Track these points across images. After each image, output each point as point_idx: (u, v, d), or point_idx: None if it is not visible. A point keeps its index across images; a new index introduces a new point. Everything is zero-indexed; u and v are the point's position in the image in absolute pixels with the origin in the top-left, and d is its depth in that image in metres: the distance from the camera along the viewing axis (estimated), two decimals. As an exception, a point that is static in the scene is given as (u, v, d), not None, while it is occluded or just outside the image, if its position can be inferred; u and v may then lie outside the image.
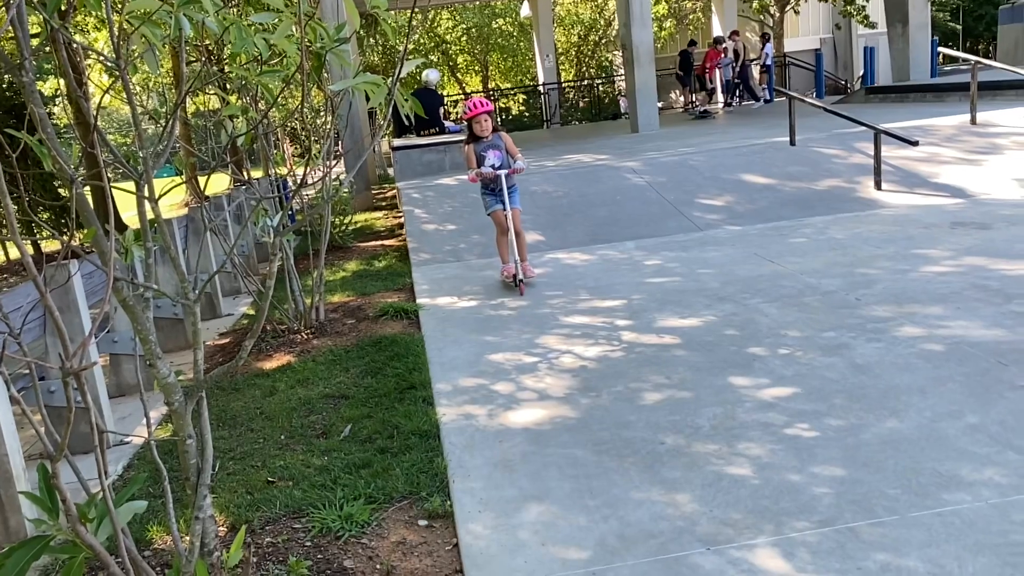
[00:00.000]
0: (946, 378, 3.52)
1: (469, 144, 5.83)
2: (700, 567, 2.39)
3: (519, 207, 5.87)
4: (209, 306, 6.52)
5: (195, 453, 2.34)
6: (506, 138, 5.83)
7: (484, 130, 5.72)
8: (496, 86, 29.08)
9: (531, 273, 5.89)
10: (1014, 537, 2.38)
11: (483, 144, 5.75)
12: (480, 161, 5.74)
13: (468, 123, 5.81)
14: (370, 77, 2.41)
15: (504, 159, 5.76)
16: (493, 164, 5.70)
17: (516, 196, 5.85)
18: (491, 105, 5.80)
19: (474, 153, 5.78)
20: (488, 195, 5.92)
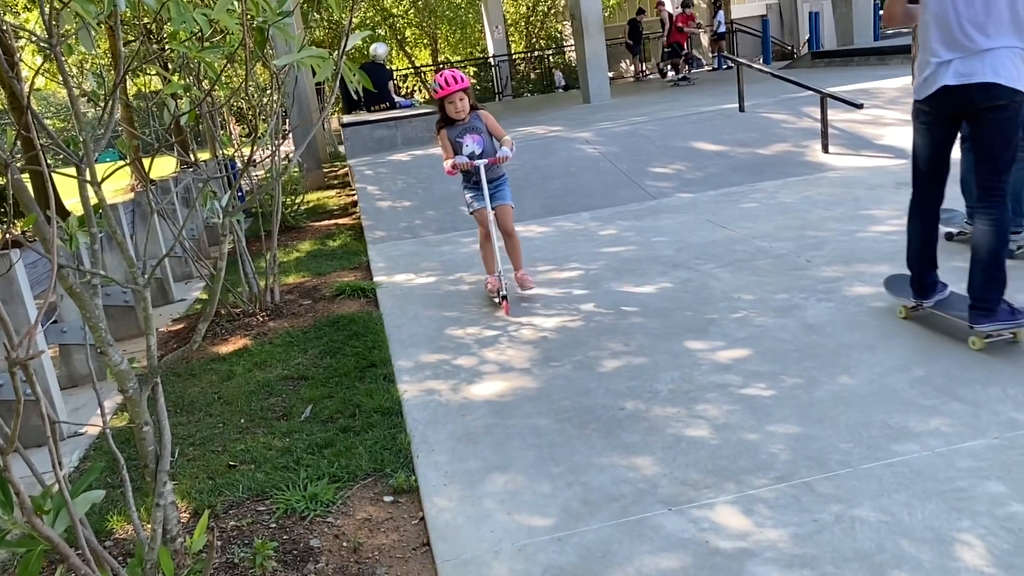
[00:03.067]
0: (893, 334, 3.63)
1: (442, 129, 4.79)
2: (662, 527, 2.44)
3: (510, 202, 4.80)
4: (161, 292, 6.39)
5: (152, 440, 2.31)
6: (487, 118, 4.77)
7: (460, 111, 4.66)
8: (446, 59, 28.76)
9: (529, 285, 4.80)
10: (959, 483, 2.48)
11: (459, 128, 4.72)
12: (457, 148, 4.72)
13: (440, 103, 4.72)
14: (315, 51, 2.36)
15: (486, 144, 4.73)
16: (472, 152, 4.69)
17: (505, 189, 4.81)
18: (467, 80, 4.66)
19: (448, 140, 4.75)
20: (469, 189, 4.83)
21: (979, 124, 3.34)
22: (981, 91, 3.23)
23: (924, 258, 3.72)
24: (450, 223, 7.05)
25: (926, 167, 3.62)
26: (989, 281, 3.39)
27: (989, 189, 3.38)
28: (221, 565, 2.53)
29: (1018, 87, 3.20)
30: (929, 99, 3.42)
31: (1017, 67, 3.21)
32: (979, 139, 3.38)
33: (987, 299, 3.39)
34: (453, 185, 7.80)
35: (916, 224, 3.74)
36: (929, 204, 3.69)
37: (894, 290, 3.99)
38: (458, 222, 7.05)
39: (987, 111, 3.27)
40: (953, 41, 3.28)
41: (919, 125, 3.58)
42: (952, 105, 3.36)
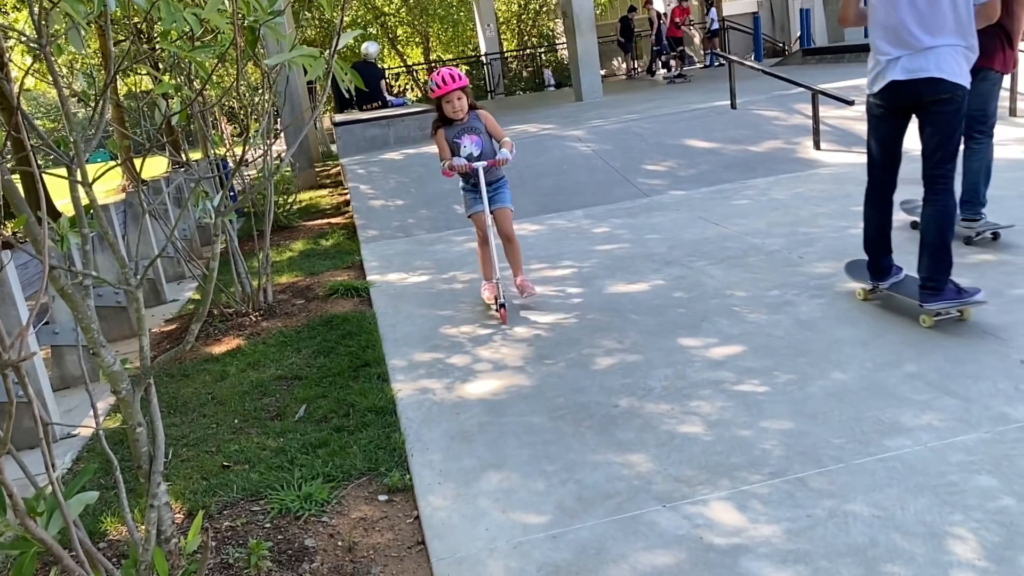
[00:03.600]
0: (885, 330, 3.64)
1: (439, 129, 4.56)
2: (657, 524, 2.45)
3: (509, 205, 4.62)
4: (153, 292, 6.37)
5: (146, 441, 2.30)
6: (487, 118, 4.55)
7: (458, 111, 4.42)
8: (438, 57, 28.72)
9: (531, 290, 4.57)
10: (951, 477, 2.49)
11: (456, 128, 4.50)
12: (454, 149, 4.52)
13: (437, 103, 4.49)
14: (307, 50, 2.36)
15: (485, 145, 4.52)
16: (470, 154, 4.48)
17: (505, 192, 4.63)
18: (465, 79, 4.44)
19: (445, 140, 4.53)
20: (468, 192, 4.66)
21: (926, 116, 3.56)
22: (927, 86, 3.46)
23: (879, 243, 3.94)
24: (443, 222, 7.05)
25: (879, 157, 3.85)
26: (937, 263, 3.60)
27: (936, 177, 3.61)
28: (216, 565, 2.53)
29: (960, 82, 3.44)
30: (880, 93, 3.66)
31: (959, 64, 3.44)
32: (926, 130, 3.60)
33: (935, 279, 3.60)
34: (446, 184, 7.79)
35: (871, 211, 3.96)
36: (883, 192, 3.91)
37: (853, 274, 4.20)
38: (451, 221, 7.05)
39: (933, 104, 3.49)
40: (900, 40, 3.50)
41: (872, 118, 3.81)
42: (901, 99, 3.58)
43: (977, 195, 4.72)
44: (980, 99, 4.46)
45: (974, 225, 4.74)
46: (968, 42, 3.47)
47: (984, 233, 4.73)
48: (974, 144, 4.66)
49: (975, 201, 4.73)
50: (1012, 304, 3.72)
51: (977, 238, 4.72)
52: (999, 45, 4.41)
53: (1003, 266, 4.22)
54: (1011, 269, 4.16)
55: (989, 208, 4.83)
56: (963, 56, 3.47)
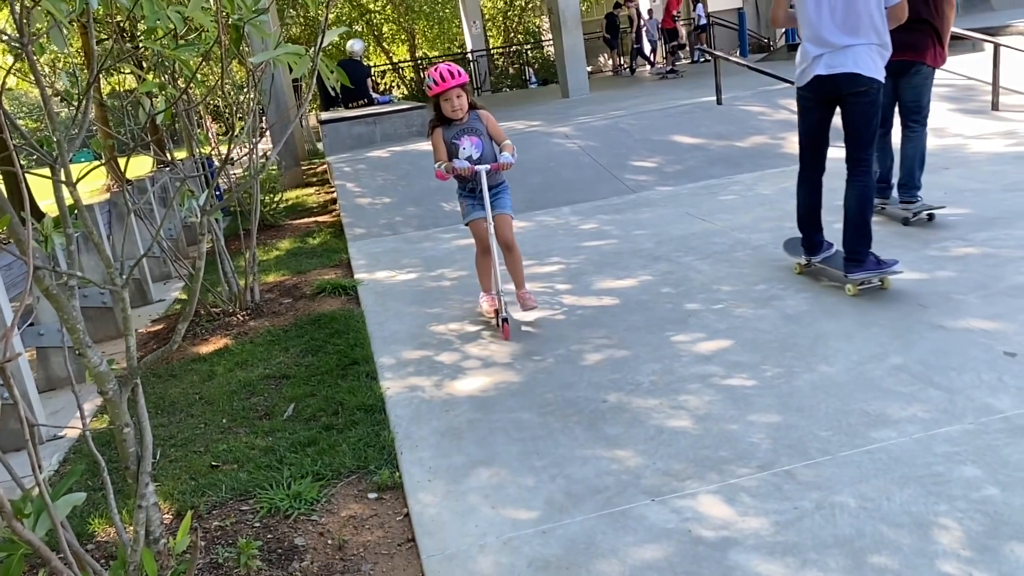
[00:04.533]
0: (870, 323, 3.67)
1: (436, 128, 4.23)
2: (646, 518, 2.46)
3: (510, 211, 4.30)
4: (139, 293, 6.33)
5: (133, 441, 2.29)
6: (487, 119, 4.26)
7: (457, 109, 4.11)
8: (424, 54, 28.65)
9: (532, 304, 4.24)
10: (936, 468, 2.52)
11: (455, 128, 4.18)
12: (452, 151, 4.19)
13: (435, 101, 4.16)
14: (291, 48, 2.35)
15: (486, 148, 4.22)
16: (470, 156, 4.18)
17: (506, 197, 4.31)
18: (465, 75, 4.14)
19: (443, 141, 4.20)
20: (466, 197, 4.34)
21: (846, 107, 3.98)
22: (846, 79, 3.88)
23: (810, 222, 4.38)
24: (431, 219, 7.04)
25: (808, 144, 4.29)
26: (859, 237, 4.04)
27: (857, 161, 4.04)
28: (205, 565, 2.52)
29: (876, 76, 3.87)
30: (807, 87, 4.08)
31: (875, 60, 3.86)
32: (847, 120, 4.01)
33: (858, 252, 4.04)
34: (433, 182, 7.77)
35: (802, 193, 4.39)
36: (812, 176, 4.33)
37: (789, 250, 4.63)
38: (439, 218, 7.04)
39: (851, 96, 3.92)
40: (823, 40, 3.91)
41: (800, 109, 4.24)
42: (824, 91, 4.00)
43: (913, 179, 5.09)
44: (915, 92, 4.95)
45: (911, 207, 5.09)
46: (882, 41, 3.88)
47: (920, 214, 5.07)
48: (910, 132, 5.07)
49: (911, 185, 5.10)
50: (995, 297, 3.76)
51: (914, 219, 5.08)
52: (931, 42, 4.81)
53: (987, 259, 4.26)
54: (994, 262, 4.20)
55: (975, 200, 4.91)
56: (878, 54, 3.88)
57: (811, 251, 4.40)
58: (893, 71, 4.62)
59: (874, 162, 4.13)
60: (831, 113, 4.12)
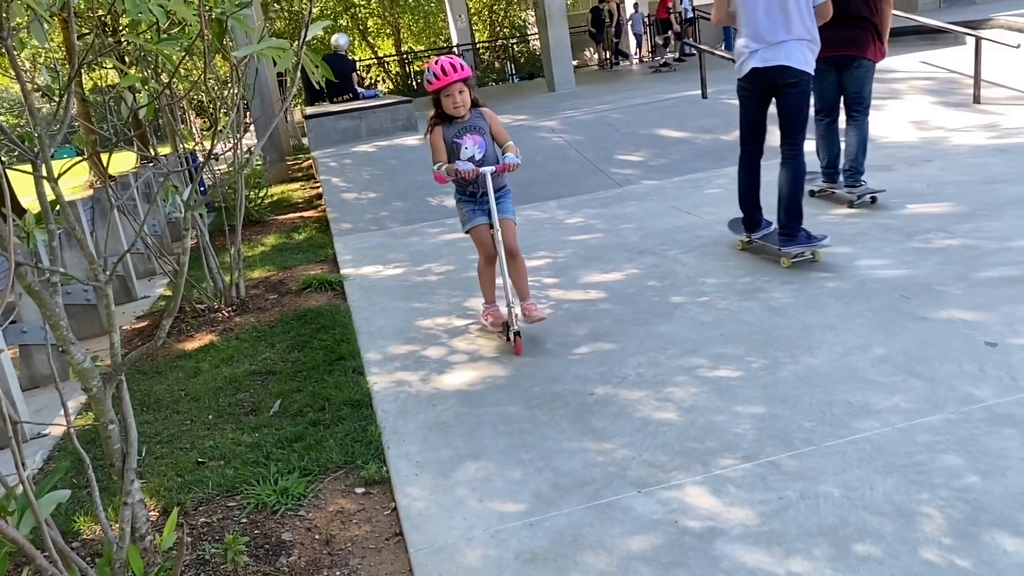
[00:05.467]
0: (854, 314, 3.70)
1: (436, 126, 3.90)
2: (632, 509, 2.48)
3: (513, 216, 3.98)
4: (124, 290, 6.29)
5: (118, 438, 2.28)
6: (491, 117, 3.97)
7: (459, 106, 3.79)
8: (409, 49, 28.55)
9: (537, 313, 3.91)
10: (919, 457, 2.55)
11: (457, 127, 3.86)
12: (453, 151, 3.87)
13: (435, 96, 3.84)
14: (275, 42, 2.34)
15: (489, 149, 3.92)
16: (473, 156, 3.86)
17: (508, 202, 4.00)
18: (468, 69, 3.82)
19: (443, 140, 3.88)
20: (466, 202, 3.98)
21: (780, 97, 4.39)
22: (779, 72, 4.28)
23: (750, 201, 4.78)
24: (417, 214, 7.03)
25: (747, 131, 4.68)
26: (791, 214, 4.47)
27: (789, 145, 4.46)
28: (192, 562, 2.52)
29: (805, 69, 4.26)
30: (745, 78, 4.46)
31: (804, 55, 4.25)
32: (780, 108, 4.42)
33: (790, 227, 4.47)
34: (419, 175, 7.77)
35: (742, 176, 4.78)
36: (751, 159, 4.73)
37: (733, 229, 5.05)
38: (425, 213, 7.03)
39: (784, 87, 4.32)
40: (758, 36, 4.31)
41: (740, 98, 4.62)
42: (760, 82, 4.40)
43: (857, 165, 5.52)
44: (857, 84, 5.34)
45: (855, 191, 5.52)
46: (811, 37, 4.26)
47: (864, 197, 5.49)
48: (853, 122, 5.46)
49: (855, 170, 5.53)
50: (976, 287, 3.80)
51: (858, 201, 5.50)
52: (871, 38, 5.19)
53: (968, 251, 4.31)
54: (975, 254, 4.24)
55: (957, 192, 5.00)
56: (807, 48, 4.27)
57: (751, 228, 4.82)
58: (837, 65, 5.30)
59: (805, 147, 4.49)
60: (767, 102, 4.51)
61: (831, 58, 5.17)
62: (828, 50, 5.02)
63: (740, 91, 4.59)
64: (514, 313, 3.81)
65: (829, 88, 5.42)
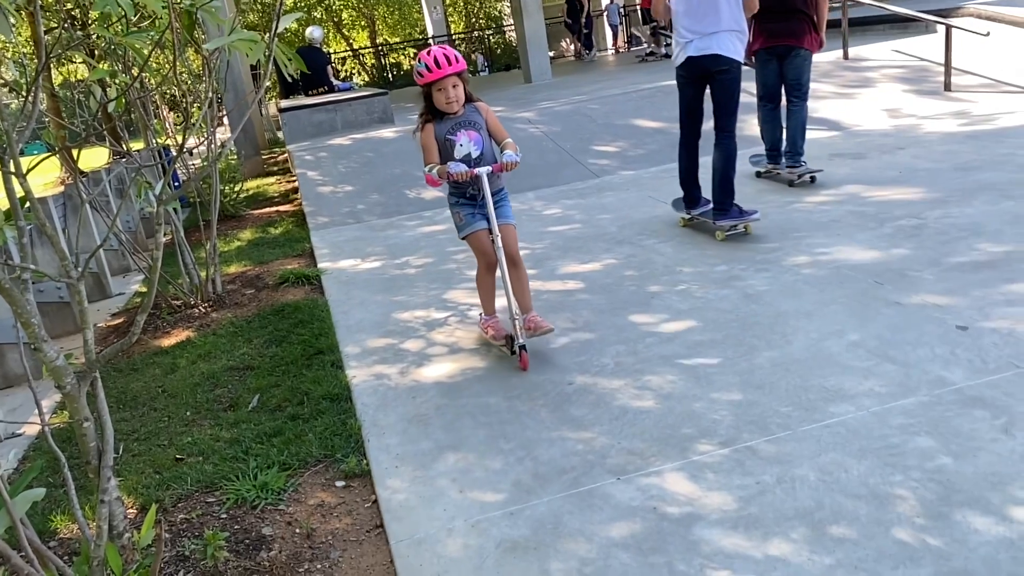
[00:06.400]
0: (829, 300, 3.75)
1: (427, 123, 3.59)
2: (612, 496, 2.50)
3: (513, 221, 3.69)
4: (98, 287, 6.21)
5: (94, 435, 2.26)
6: (487, 111, 3.64)
7: (452, 101, 3.48)
8: (385, 41, 28.36)
9: (543, 325, 3.60)
10: (892, 440, 2.59)
11: (450, 123, 3.55)
12: (447, 150, 3.57)
13: (425, 91, 3.54)
14: (246, 34, 2.32)
15: (486, 145, 3.62)
16: (468, 154, 3.57)
17: (507, 205, 3.72)
18: (463, 61, 3.49)
19: (435, 139, 3.57)
20: (463, 205, 3.68)
21: (713, 84, 4.74)
22: (711, 60, 4.63)
23: (689, 180, 5.12)
24: (394, 207, 7.01)
25: (685, 115, 5.00)
26: (724, 191, 4.83)
27: (722, 127, 4.79)
28: (171, 558, 2.51)
29: (736, 58, 4.61)
30: (682, 66, 4.81)
31: (734, 44, 4.59)
32: (713, 94, 4.76)
33: (723, 203, 4.84)
34: (396, 168, 7.74)
35: (683, 156, 5.11)
36: (690, 142, 5.07)
37: (675, 207, 5.38)
38: (402, 205, 7.01)
39: (717, 74, 4.67)
40: (692, 27, 4.65)
41: (679, 85, 4.95)
42: (695, 70, 4.74)
43: (796, 147, 5.87)
44: (796, 72, 5.69)
45: (796, 171, 5.90)
46: (740, 28, 4.61)
47: (804, 177, 5.90)
48: (792, 107, 5.80)
49: (795, 152, 5.89)
50: (948, 272, 3.86)
51: (798, 180, 5.91)
52: (807, 29, 5.54)
53: (940, 236, 4.37)
54: (946, 239, 4.31)
55: (929, 179, 5.11)
56: (737, 39, 4.61)
57: (691, 205, 5.17)
58: (778, 55, 5.69)
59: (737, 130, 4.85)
60: (703, 89, 4.84)
61: (772, 48, 5.65)
62: (769, 41, 5.65)
63: (678, 79, 4.92)
64: (518, 325, 3.52)
65: (771, 76, 5.81)
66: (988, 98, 8.01)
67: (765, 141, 6.11)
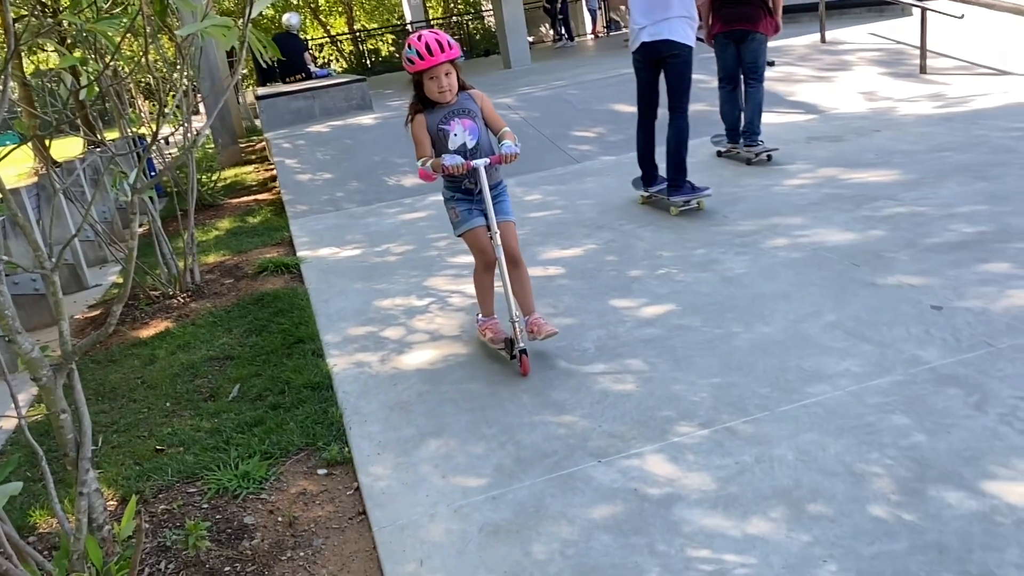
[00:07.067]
0: (807, 282, 3.78)
1: (418, 115, 3.37)
2: (593, 479, 2.52)
3: (512, 217, 3.47)
4: (74, 278, 6.14)
5: (71, 428, 2.24)
6: (482, 99, 3.43)
7: (445, 91, 3.26)
8: (363, 27, 28.10)
9: (548, 328, 3.37)
10: (869, 419, 2.62)
11: (443, 111, 3.33)
12: (440, 141, 3.35)
13: (416, 79, 3.30)
14: (219, 20, 2.29)
15: (483, 135, 3.40)
16: (464, 144, 3.34)
17: (507, 200, 3.48)
18: (457, 47, 3.25)
19: (427, 130, 3.35)
20: (459, 201, 3.46)
21: (666, 68, 5.02)
22: (664, 45, 4.91)
23: (647, 159, 5.41)
24: (374, 194, 6.97)
25: (642, 98, 5.28)
26: (677, 168, 5.15)
27: (675, 108, 5.10)
28: (153, 549, 2.50)
29: (686, 42, 4.89)
30: (637, 51, 5.07)
31: (685, 30, 4.87)
32: (667, 77, 5.05)
33: (676, 179, 5.17)
34: (375, 155, 7.70)
35: (640, 137, 5.40)
36: (647, 123, 5.35)
37: (635, 186, 5.63)
38: (382, 193, 6.97)
39: (669, 58, 4.95)
40: (646, 14, 4.92)
41: (635, 69, 5.21)
42: (649, 54, 5.02)
43: (753, 127, 6.14)
44: (752, 55, 5.91)
45: (753, 149, 6.16)
46: (690, 15, 4.88)
47: (761, 155, 6.14)
48: (749, 89, 6.05)
49: (752, 131, 6.16)
50: (923, 253, 3.90)
51: (756, 159, 6.16)
52: (763, 14, 5.77)
53: (915, 217, 4.42)
54: (921, 220, 4.36)
55: (905, 161, 5.18)
56: (688, 25, 4.87)
57: (648, 183, 5.45)
58: (736, 39, 5.91)
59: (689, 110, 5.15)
60: (657, 72, 5.12)
61: (730, 33, 5.89)
62: (726, 25, 5.89)
63: (635, 63, 5.18)
64: (519, 328, 3.31)
65: (729, 59, 6.04)
66: (962, 80, 8.08)
67: (725, 121, 6.35)
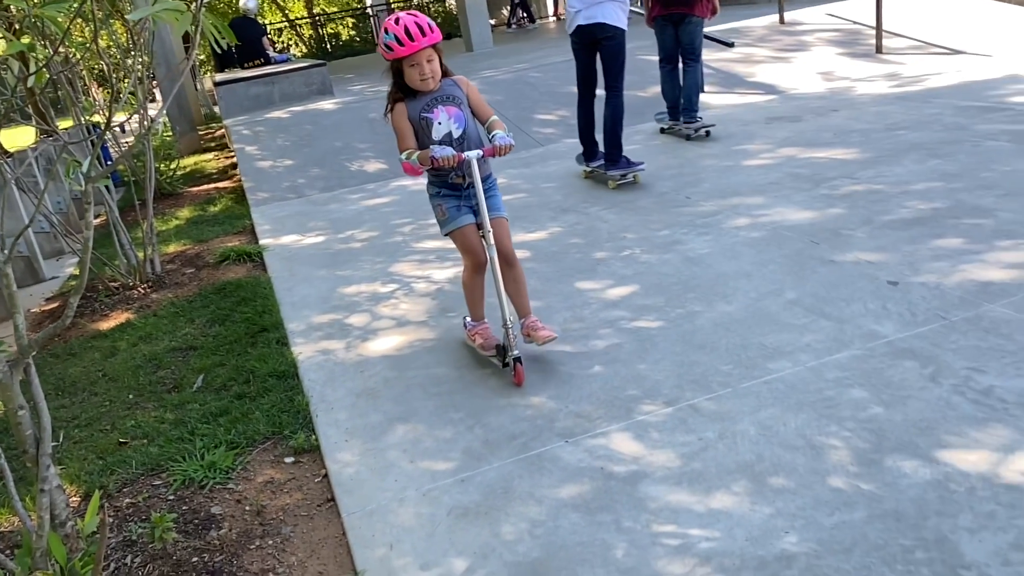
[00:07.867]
0: (767, 261, 3.84)
1: (398, 104, 3.11)
2: (560, 459, 2.54)
3: (504, 213, 3.26)
4: (30, 271, 6.00)
5: (30, 424, 2.20)
6: (467, 86, 3.22)
7: (428, 78, 3.02)
8: (322, 11, 27.67)
9: (546, 333, 3.15)
10: (828, 393, 2.68)
11: (425, 98, 3.08)
12: (423, 130, 3.10)
13: (395, 67, 3.05)
14: (171, 4, 2.24)
15: (469, 124, 3.18)
16: (449, 133, 3.11)
17: (498, 195, 3.26)
18: (438, 31, 2.99)
19: (409, 120, 3.10)
20: (446, 196, 3.23)
21: (601, 49, 5.31)
22: (598, 28, 5.20)
23: (587, 135, 5.72)
24: (336, 180, 6.91)
25: (581, 78, 5.58)
26: (612, 143, 5.46)
27: (611, 87, 5.38)
28: (118, 544, 2.47)
29: (619, 25, 5.17)
30: (574, 33, 5.36)
31: (618, 14, 5.15)
32: (602, 58, 5.34)
33: (611, 154, 5.49)
34: (336, 141, 7.62)
35: (581, 115, 5.70)
36: (586, 101, 5.65)
37: (578, 161, 5.94)
38: (344, 179, 6.91)
39: (603, 40, 5.24)
40: None
41: (573, 51, 5.52)
42: (585, 37, 5.30)
43: (691, 104, 6.47)
44: (689, 36, 6.17)
45: (691, 126, 6.49)
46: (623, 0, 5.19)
47: (700, 131, 6.50)
48: (687, 68, 6.31)
49: (691, 108, 6.48)
50: (880, 230, 3.99)
51: (695, 135, 6.52)
52: None
53: (872, 195, 4.50)
54: (878, 198, 4.44)
55: (861, 140, 5.29)
56: (619, 9, 5.16)
57: (589, 159, 5.76)
58: (674, 21, 6.16)
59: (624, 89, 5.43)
60: (594, 54, 5.38)
61: (668, 16, 6.14)
62: (665, 9, 6.13)
63: (572, 45, 5.47)
64: (512, 334, 3.05)
65: (668, 40, 6.30)
66: (917, 60, 8.23)
67: (666, 99, 6.64)
